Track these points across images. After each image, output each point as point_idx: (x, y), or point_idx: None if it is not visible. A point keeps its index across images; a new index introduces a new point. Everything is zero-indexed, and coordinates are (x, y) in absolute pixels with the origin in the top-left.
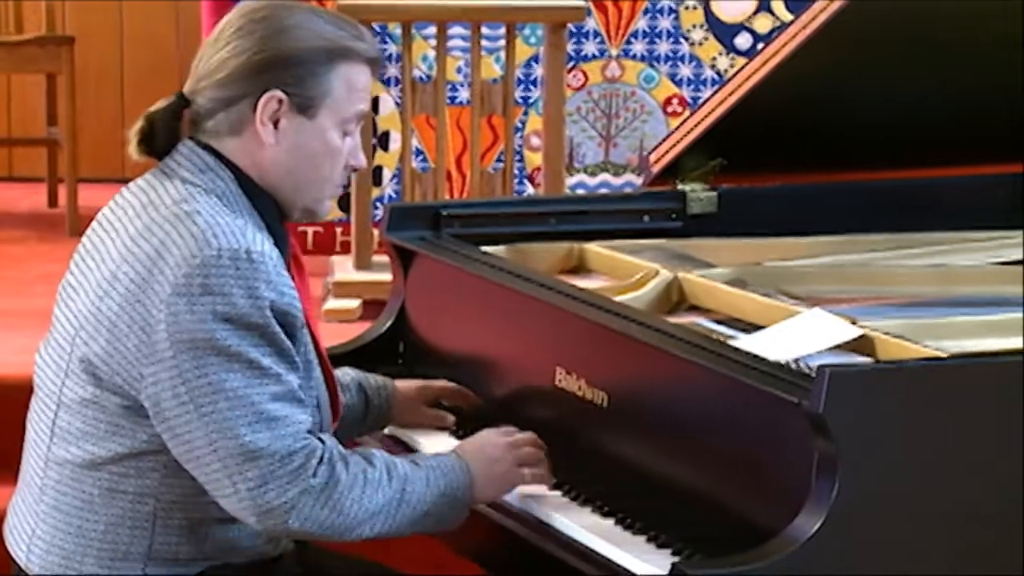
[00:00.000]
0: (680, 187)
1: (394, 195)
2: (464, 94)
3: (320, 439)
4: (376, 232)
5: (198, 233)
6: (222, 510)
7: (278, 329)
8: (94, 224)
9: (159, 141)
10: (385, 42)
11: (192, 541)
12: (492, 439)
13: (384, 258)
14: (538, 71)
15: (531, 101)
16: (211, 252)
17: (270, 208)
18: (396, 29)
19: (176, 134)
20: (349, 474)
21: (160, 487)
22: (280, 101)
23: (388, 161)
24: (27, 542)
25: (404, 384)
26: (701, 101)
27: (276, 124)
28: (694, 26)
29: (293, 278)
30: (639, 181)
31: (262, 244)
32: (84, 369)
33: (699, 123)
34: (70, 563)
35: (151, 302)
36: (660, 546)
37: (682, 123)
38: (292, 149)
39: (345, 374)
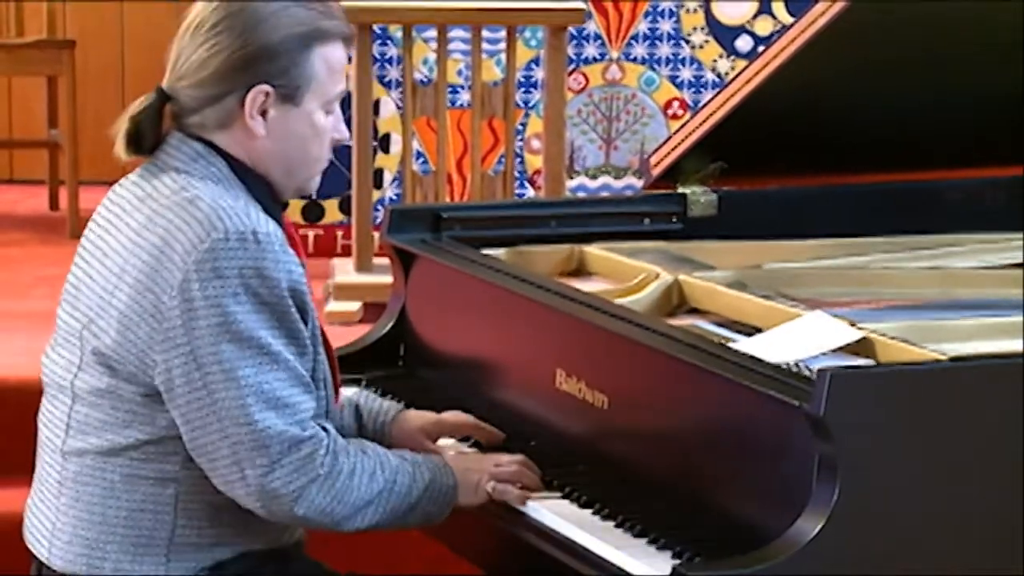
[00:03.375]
0: (680, 190)
1: (395, 198)
2: (465, 97)
3: (324, 428)
4: (377, 235)
5: (203, 218)
6: None
7: (290, 308)
8: (92, 223)
9: (146, 139)
10: (386, 44)
11: (214, 525)
12: (474, 455)
13: (385, 261)
14: (539, 74)
15: (532, 104)
16: (218, 236)
17: (263, 189)
18: (397, 32)
19: (160, 130)
20: (349, 464)
21: (181, 471)
22: (267, 94)
23: (389, 163)
24: (48, 538)
25: (416, 416)
26: (701, 104)
27: (264, 115)
28: (695, 29)
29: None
30: (639, 184)
31: (266, 224)
32: (98, 361)
33: (699, 126)
34: (93, 552)
35: (161, 290)
36: (661, 548)
37: (682, 126)
38: (282, 137)
39: (342, 394)
